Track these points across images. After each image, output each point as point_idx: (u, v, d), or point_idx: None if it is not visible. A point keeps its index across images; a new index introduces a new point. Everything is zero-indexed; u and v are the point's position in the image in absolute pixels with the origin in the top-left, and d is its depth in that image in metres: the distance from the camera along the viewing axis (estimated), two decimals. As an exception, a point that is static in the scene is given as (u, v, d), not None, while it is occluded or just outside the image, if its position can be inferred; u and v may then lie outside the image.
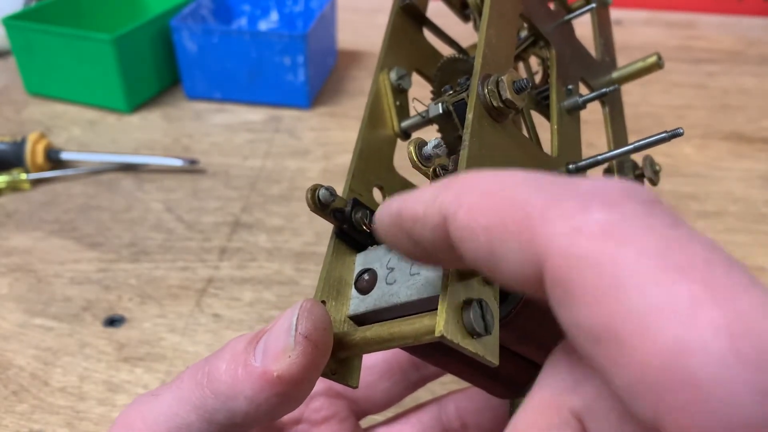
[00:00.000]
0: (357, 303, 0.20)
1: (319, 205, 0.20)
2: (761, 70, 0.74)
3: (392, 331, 0.17)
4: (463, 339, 0.15)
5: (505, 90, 0.19)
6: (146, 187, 0.53)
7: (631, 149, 0.23)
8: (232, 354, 0.18)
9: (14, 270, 0.44)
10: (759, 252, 0.47)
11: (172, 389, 0.18)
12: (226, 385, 0.17)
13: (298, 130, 0.61)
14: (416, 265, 0.18)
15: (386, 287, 0.19)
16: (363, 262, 0.20)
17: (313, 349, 0.17)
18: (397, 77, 0.25)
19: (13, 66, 0.67)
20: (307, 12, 0.72)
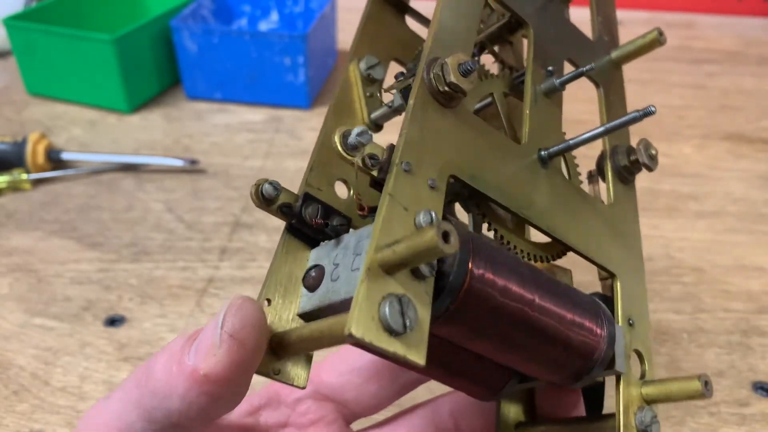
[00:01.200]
0: (305, 300, 0.19)
1: (263, 200, 0.20)
2: (760, 70, 0.74)
3: (322, 330, 0.16)
4: (377, 337, 0.13)
5: (450, 73, 0.18)
6: (147, 187, 0.53)
7: (601, 131, 0.22)
8: (170, 352, 0.17)
9: (15, 270, 0.44)
10: (758, 252, 0.47)
11: (119, 391, 0.18)
12: (162, 383, 0.17)
13: (299, 131, 0.61)
14: (357, 259, 0.17)
15: (330, 284, 0.18)
16: (314, 258, 0.19)
17: (239, 348, 0.16)
18: (366, 67, 0.24)
19: (14, 66, 0.67)
20: (307, 12, 0.72)
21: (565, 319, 0.19)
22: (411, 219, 0.16)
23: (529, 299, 0.18)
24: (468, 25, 0.21)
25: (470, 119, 0.19)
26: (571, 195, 0.22)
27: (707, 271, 0.45)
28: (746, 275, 0.44)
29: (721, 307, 0.42)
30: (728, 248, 0.47)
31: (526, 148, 0.21)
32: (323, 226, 0.20)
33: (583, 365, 0.19)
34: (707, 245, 0.47)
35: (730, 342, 0.39)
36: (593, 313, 0.19)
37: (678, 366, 0.38)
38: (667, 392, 0.20)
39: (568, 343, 0.19)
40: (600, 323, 0.20)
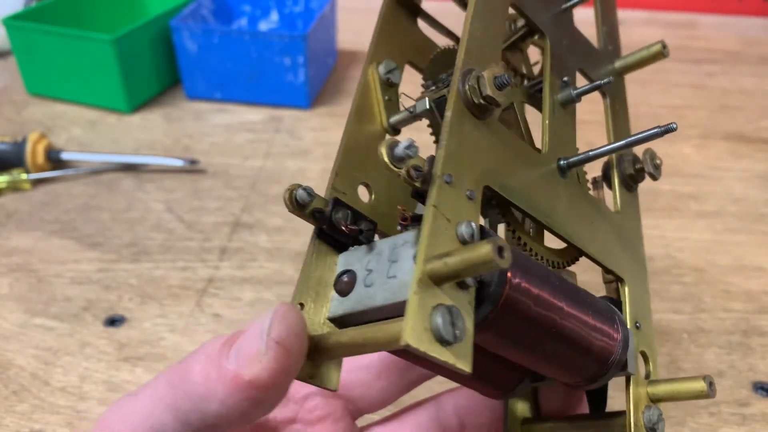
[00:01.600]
0: (336, 305, 0.19)
1: (297, 205, 0.20)
2: (761, 70, 0.74)
3: (365, 337, 0.16)
4: (430, 347, 0.14)
5: (486, 86, 0.18)
6: (146, 187, 0.53)
7: (622, 145, 0.22)
8: (207, 355, 0.17)
9: (15, 270, 0.44)
10: (758, 252, 0.47)
11: (149, 389, 0.18)
12: (200, 386, 0.17)
13: (298, 131, 0.61)
14: (393, 267, 0.18)
15: (364, 290, 0.18)
16: (344, 263, 0.20)
17: (285, 355, 0.16)
18: (385, 71, 0.24)
19: (14, 66, 0.67)
20: (307, 12, 0.72)
21: (588, 325, 0.19)
22: (453, 230, 0.16)
23: (559, 307, 0.18)
24: (496, 35, 0.21)
25: (499, 129, 0.20)
26: (586, 203, 0.23)
27: (707, 271, 0.45)
28: (746, 275, 0.44)
29: (721, 307, 0.42)
30: (728, 248, 0.47)
31: (547, 157, 0.22)
32: (357, 233, 0.20)
33: (600, 368, 0.20)
34: (707, 245, 0.47)
35: (730, 342, 0.39)
36: (610, 318, 0.20)
37: (678, 366, 0.38)
38: (672, 392, 0.20)
39: (590, 348, 0.19)
40: (616, 328, 0.20)
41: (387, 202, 0.22)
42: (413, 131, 0.23)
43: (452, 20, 0.30)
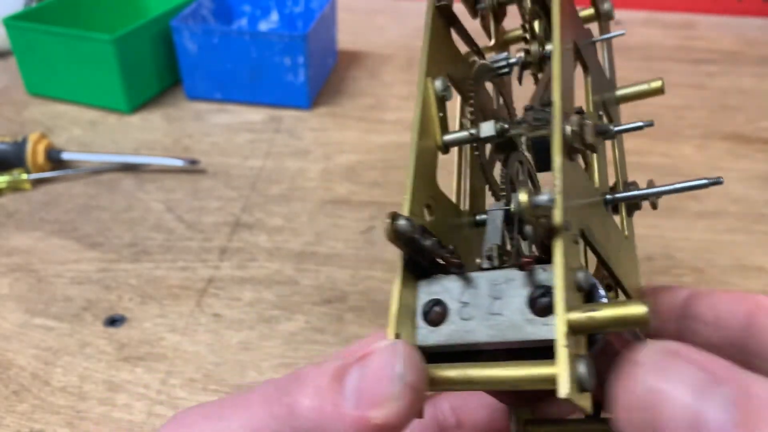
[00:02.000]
0: (425, 334, 0.19)
1: (397, 236, 0.19)
2: (760, 70, 0.74)
3: (498, 375, 0.16)
4: (579, 397, 0.15)
5: (589, 133, 0.18)
6: (147, 187, 0.53)
7: (670, 189, 0.23)
8: (316, 390, 0.17)
9: (15, 270, 0.44)
10: (758, 252, 0.47)
11: (242, 415, 0.17)
12: (312, 422, 0.16)
13: (299, 131, 0.61)
14: (497, 303, 0.18)
15: (461, 322, 0.18)
16: (430, 291, 0.19)
17: (417, 399, 0.16)
18: (442, 88, 0.24)
19: (14, 66, 0.67)
20: (307, 12, 0.72)
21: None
22: (572, 277, 0.17)
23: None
24: (570, 72, 0.21)
25: (580, 168, 0.20)
26: (617, 231, 0.23)
27: (707, 271, 0.45)
28: (746, 275, 0.45)
29: (721, 307, 0.42)
30: (728, 248, 0.47)
31: (598, 191, 0.22)
32: (459, 266, 0.19)
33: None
34: (707, 245, 0.47)
35: (730, 342, 0.39)
36: None
37: (678, 366, 0.38)
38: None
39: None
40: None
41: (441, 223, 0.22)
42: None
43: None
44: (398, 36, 0.81)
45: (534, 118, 0.20)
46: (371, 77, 0.71)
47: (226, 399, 0.19)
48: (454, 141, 0.23)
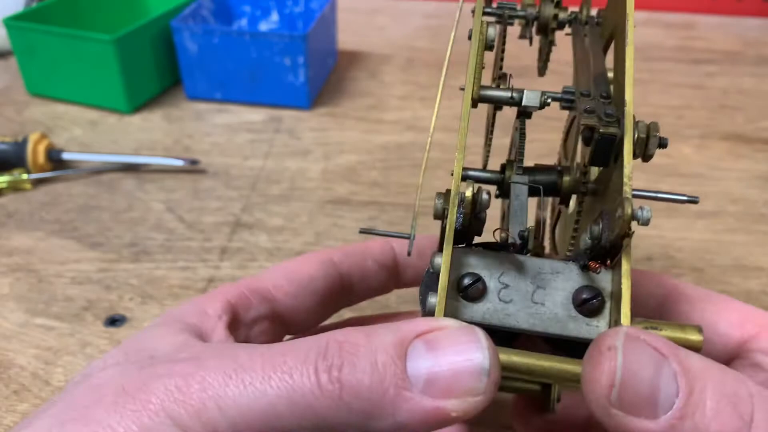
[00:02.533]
0: (457, 307, 0.18)
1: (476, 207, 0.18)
2: (760, 70, 0.74)
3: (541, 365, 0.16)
4: None
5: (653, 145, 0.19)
6: (147, 187, 0.53)
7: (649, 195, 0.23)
8: (373, 367, 0.15)
9: (15, 270, 0.44)
10: (758, 252, 0.47)
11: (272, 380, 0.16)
12: (370, 403, 0.15)
13: (299, 131, 0.61)
14: (539, 292, 0.18)
15: (499, 304, 0.18)
16: (468, 264, 0.19)
17: (495, 391, 0.16)
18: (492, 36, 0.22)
19: (14, 66, 0.67)
20: (307, 13, 0.72)
21: None
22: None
23: None
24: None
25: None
26: None
27: (706, 270, 0.45)
28: (745, 275, 0.45)
29: (720, 306, 0.42)
30: (727, 248, 0.47)
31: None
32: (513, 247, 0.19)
33: None
34: (706, 245, 0.47)
35: (729, 342, 0.39)
36: None
37: (677, 366, 0.38)
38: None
39: None
40: None
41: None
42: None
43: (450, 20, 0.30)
44: (398, 36, 0.81)
45: (606, 113, 0.19)
46: (371, 77, 0.71)
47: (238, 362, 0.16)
48: (491, 98, 0.22)
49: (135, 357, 0.19)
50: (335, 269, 0.26)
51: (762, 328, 0.21)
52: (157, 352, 0.19)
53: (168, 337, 0.20)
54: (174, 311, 0.23)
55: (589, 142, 0.19)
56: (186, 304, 0.23)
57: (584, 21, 0.26)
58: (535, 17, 0.25)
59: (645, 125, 0.19)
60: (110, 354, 0.20)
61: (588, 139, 0.19)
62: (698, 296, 0.23)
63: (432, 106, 0.66)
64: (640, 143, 0.19)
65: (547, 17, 0.25)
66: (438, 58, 0.75)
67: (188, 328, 0.21)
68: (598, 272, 0.18)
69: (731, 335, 0.21)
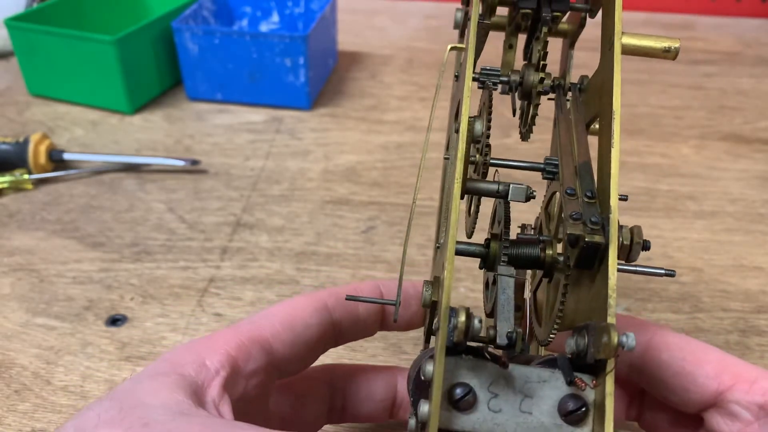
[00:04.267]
0: (447, 417, 0.18)
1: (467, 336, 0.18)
2: (759, 71, 0.74)
3: None
4: None
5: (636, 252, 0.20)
6: (148, 187, 0.53)
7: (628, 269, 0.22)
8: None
9: (16, 270, 0.44)
10: (757, 252, 0.47)
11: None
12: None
13: (299, 131, 0.61)
14: (527, 401, 0.18)
15: (488, 413, 0.18)
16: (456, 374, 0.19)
17: None
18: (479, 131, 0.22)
19: (16, 67, 0.67)
20: (307, 13, 0.72)
21: None
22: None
23: None
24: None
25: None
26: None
27: (705, 271, 0.45)
28: (744, 275, 0.45)
29: (719, 306, 0.42)
30: (726, 248, 0.47)
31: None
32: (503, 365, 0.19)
33: None
34: (705, 245, 0.47)
35: (728, 342, 0.40)
36: None
37: (676, 365, 0.38)
38: None
39: None
40: None
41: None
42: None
43: (450, 20, 0.30)
44: (398, 37, 0.81)
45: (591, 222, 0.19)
46: (371, 78, 0.71)
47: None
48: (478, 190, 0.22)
49: (130, 420, 0.19)
50: (329, 317, 0.26)
51: (738, 379, 0.22)
52: (152, 416, 0.19)
53: (162, 394, 0.20)
54: (172, 357, 0.22)
55: (575, 246, 0.19)
56: (185, 350, 0.22)
57: (567, 88, 0.26)
58: (519, 84, 0.25)
59: (629, 230, 0.19)
60: (103, 407, 0.20)
61: (573, 243, 0.19)
62: (678, 345, 0.24)
63: (431, 107, 0.66)
64: (623, 249, 0.19)
65: (531, 84, 0.25)
66: (438, 59, 0.76)
67: (184, 382, 0.21)
68: (584, 389, 0.19)
69: (708, 386, 0.22)
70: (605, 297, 0.18)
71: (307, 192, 0.53)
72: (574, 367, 0.19)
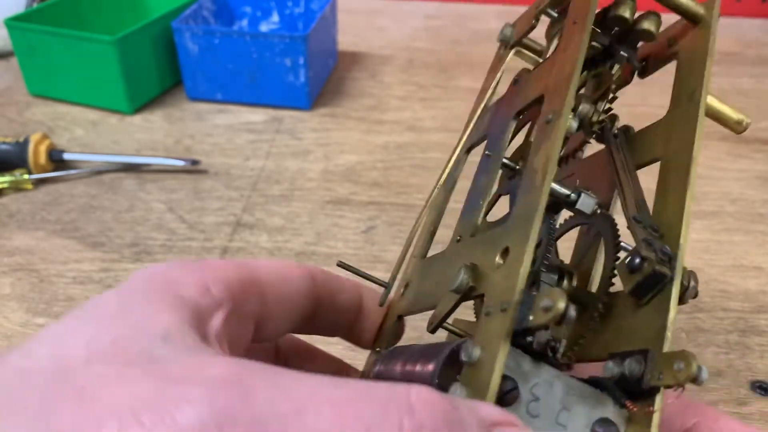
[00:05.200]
0: None
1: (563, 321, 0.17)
2: (759, 71, 0.74)
3: None
4: None
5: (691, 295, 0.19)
6: (148, 187, 0.53)
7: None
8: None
9: (17, 270, 0.44)
10: (756, 252, 0.47)
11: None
12: None
13: (299, 131, 0.61)
14: (563, 414, 0.18)
15: (525, 415, 0.17)
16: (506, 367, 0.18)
17: None
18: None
19: (16, 67, 0.67)
20: (307, 13, 0.72)
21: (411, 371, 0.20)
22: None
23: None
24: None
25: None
26: None
27: (705, 270, 0.45)
28: (744, 275, 0.45)
29: (719, 306, 0.42)
30: (726, 248, 0.47)
31: None
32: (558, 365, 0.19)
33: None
34: (705, 245, 0.47)
35: (728, 341, 0.40)
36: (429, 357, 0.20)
37: (676, 365, 0.38)
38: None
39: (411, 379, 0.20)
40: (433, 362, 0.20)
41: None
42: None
43: (450, 21, 0.30)
44: (398, 37, 0.81)
45: (662, 252, 0.19)
46: (371, 78, 0.71)
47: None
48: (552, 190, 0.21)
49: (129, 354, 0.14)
50: (315, 289, 0.23)
51: (702, 417, 0.22)
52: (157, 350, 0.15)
53: (163, 319, 0.16)
54: (166, 272, 0.18)
55: (635, 271, 0.19)
56: (181, 268, 0.18)
57: (614, 133, 0.25)
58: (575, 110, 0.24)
59: (688, 272, 0.19)
60: (89, 332, 0.15)
61: (635, 269, 0.19)
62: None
63: (432, 107, 0.66)
64: (681, 289, 0.19)
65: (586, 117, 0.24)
66: (438, 59, 0.76)
67: (185, 307, 0.17)
68: (633, 412, 0.18)
69: (674, 422, 0.22)
70: (659, 330, 0.18)
71: (307, 192, 0.53)
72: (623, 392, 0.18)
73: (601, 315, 0.21)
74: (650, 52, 0.26)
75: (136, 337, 0.15)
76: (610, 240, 0.22)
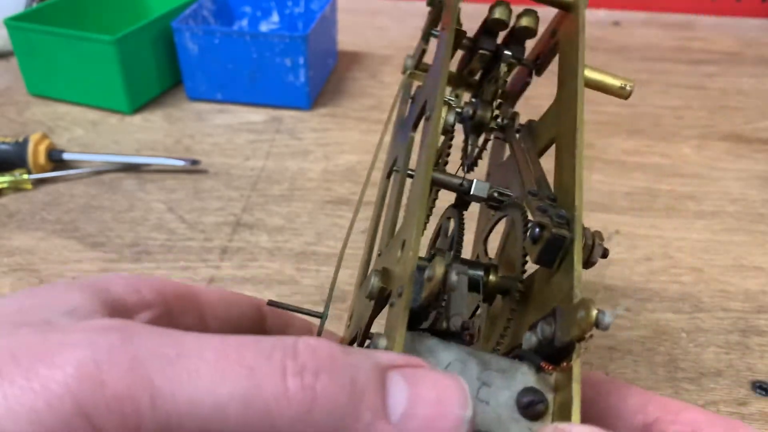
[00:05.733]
0: None
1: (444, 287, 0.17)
2: (759, 70, 0.74)
3: None
4: None
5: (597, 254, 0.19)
6: (148, 187, 0.53)
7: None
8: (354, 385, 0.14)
9: (16, 270, 0.44)
10: (757, 252, 0.47)
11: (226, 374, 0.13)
12: (340, 423, 0.13)
13: (299, 131, 0.61)
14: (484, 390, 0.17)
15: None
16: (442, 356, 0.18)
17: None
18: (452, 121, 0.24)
19: (15, 67, 0.67)
20: (307, 13, 0.72)
21: None
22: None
23: None
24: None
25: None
26: None
27: (705, 270, 0.45)
28: (744, 275, 0.45)
29: (719, 306, 0.42)
30: (726, 248, 0.47)
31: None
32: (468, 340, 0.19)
33: None
34: (706, 245, 0.47)
35: (728, 341, 0.40)
36: None
37: (676, 365, 0.38)
38: None
39: None
40: None
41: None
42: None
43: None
44: (398, 36, 0.81)
45: (558, 216, 0.19)
46: (371, 78, 0.71)
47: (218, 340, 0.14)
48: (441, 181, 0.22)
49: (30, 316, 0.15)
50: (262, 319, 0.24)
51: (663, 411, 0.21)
52: (59, 317, 0.15)
53: (75, 297, 0.16)
54: (103, 276, 0.19)
55: (537, 241, 0.19)
56: (116, 276, 0.19)
57: (516, 129, 0.26)
58: (470, 116, 0.26)
59: (591, 233, 0.19)
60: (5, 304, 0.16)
61: (536, 238, 0.19)
62: (602, 381, 0.23)
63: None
64: (585, 249, 0.19)
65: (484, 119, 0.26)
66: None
67: (108, 298, 0.17)
68: (551, 374, 0.18)
69: (635, 418, 0.22)
70: (568, 290, 0.18)
71: (307, 192, 0.53)
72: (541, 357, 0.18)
73: (522, 295, 0.21)
74: (541, 50, 0.26)
75: (41, 307, 0.15)
76: (520, 224, 0.22)
